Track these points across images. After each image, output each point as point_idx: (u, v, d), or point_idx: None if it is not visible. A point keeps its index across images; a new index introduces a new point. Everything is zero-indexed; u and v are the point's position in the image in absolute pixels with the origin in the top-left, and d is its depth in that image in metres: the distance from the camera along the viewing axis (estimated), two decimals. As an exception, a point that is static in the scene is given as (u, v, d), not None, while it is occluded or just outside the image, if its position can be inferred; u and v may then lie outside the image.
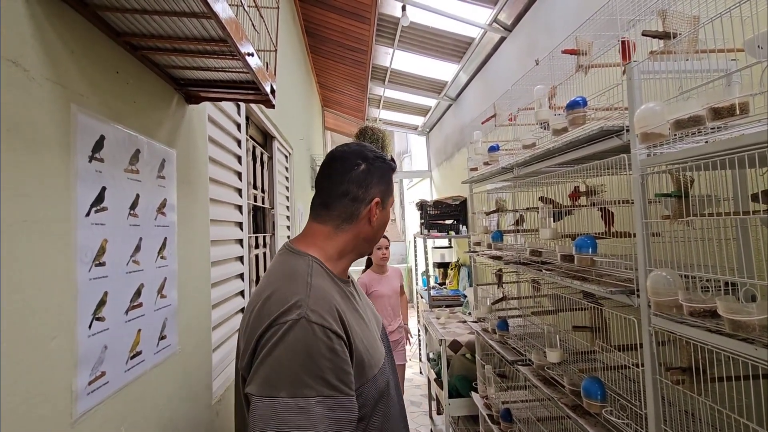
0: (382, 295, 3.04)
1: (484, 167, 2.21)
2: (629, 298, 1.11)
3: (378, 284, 3.07)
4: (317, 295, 0.73)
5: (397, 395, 0.87)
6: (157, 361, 0.95)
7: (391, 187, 0.92)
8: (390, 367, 0.88)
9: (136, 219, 0.87)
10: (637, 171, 1.07)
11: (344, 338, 0.73)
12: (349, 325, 0.75)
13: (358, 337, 0.77)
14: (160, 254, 0.97)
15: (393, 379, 0.88)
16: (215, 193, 1.45)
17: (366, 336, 0.81)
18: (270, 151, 2.72)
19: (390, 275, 3.15)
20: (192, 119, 1.22)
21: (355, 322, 0.79)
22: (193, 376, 1.16)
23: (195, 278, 1.19)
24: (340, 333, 0.72)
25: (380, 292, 3.05)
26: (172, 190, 1.05)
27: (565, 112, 1.32)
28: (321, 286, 0.76)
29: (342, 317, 0.75)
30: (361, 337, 0.78)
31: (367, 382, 0.77)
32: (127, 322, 0.83)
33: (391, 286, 3.11)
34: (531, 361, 1.74)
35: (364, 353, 0.77)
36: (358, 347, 0.76)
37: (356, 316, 0.82)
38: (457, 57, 3.99)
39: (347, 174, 0.85)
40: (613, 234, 1.32)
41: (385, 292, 3.06)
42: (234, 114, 1.75)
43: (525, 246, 1.75)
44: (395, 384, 0.88)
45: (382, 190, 0.88)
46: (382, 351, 0.86)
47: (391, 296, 3.09)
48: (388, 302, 3.07)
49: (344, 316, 0.75)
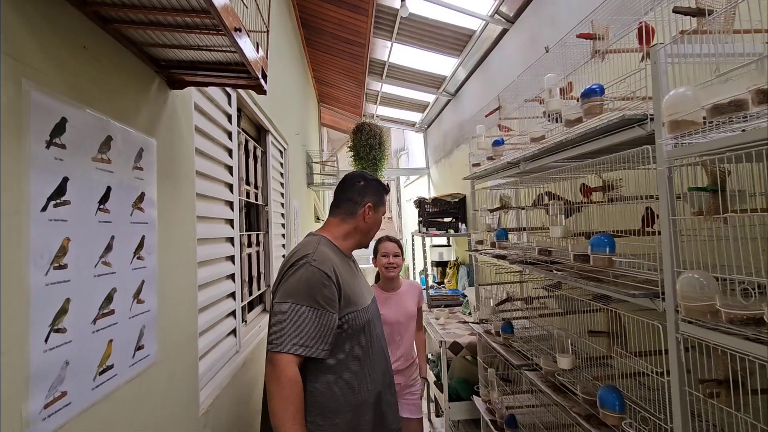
0: (388, 322, 2.02)
1: (488, 162, 2.12)
2: (653, 302, 1.02)
3: (383, 305, 2.03)
4: (320, 253, 1.22)
5: (378, 337, 1.33)
6: (133, 374, 0.85)
7: (382, 199, 1.41)
8: (374, 314, 1.35)
9: (108, 215, 0.77)
10: (663, 163, 0.98)
11: (334, 281, 1.19)
12: (340, 275, 1.22)
13: (347, 284, 1.24)
14: (137, 254, 0.87)
15: (377, 325, 1.35)
16: (203, 188, 1.35)
17: (354, 286, 1.29)
18: (264, 145, 2.61)
19: (403, 293, 2.15)
20: (176, 106, 1.11)
21: (347, 275, 1.26)
22: (176, 388, 1.06)
23: (178, 280, 1.09)
24: (331, 276, 1.18)
25: (385, 317, 1.95)
26: (151, 183, 0.94)
27: (580, 101, 1.23)
28: (324, 251, 1.24)
29: (335, 269, 1.21)
30: (349, 284, 1.25)
31: (354, 311, 1.23)
32: (96, 333, 0.73)
33: (401, 308, 2.09)
34: (539, 366, 1.65)
35: (350, 294, 1.24)
36: (346, 290, 1.22)
37: (350, 273, 1.30)
38: (457, 51, 3.89)
39: (352, 187, 1.37)
40: (628, 232, 1.23)
41: (392, 318, 2.04)
42: (224, 104, 1.64)
43: (533, 245, 1.66)
44: (379, 330, 1.35)
45: (374, 200, 1.37)
46: (367, 300, 1.33)
47: (401, 323, 2.07)
48: (396, 330, 2.06)
49: (337, 269, 1.22)
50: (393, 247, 2.12)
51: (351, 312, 1.23)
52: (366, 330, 1.27)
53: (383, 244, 2.12)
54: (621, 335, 1.23)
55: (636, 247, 1.24)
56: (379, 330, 1.37)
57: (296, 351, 1.11)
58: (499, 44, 3.31)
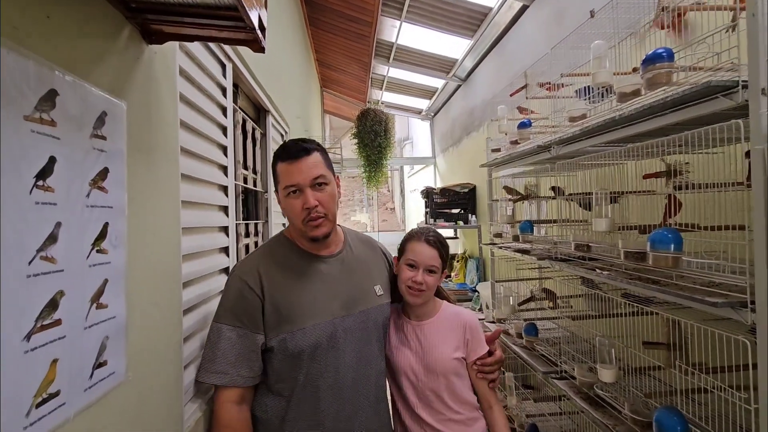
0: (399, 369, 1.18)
1: (510, 147, 1.92)
2: (737, 312, 0.83)
3: (397, 340, 1.21)
4: (251, 258, 1.07)
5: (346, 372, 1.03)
6: (91, 399, 0.66)
7: (275, 171, 1.07)
8: (342, 336, 1.03)
9: (50, 194, 0.58)
10: (760, 140, 0.78)
11: (257, 292, 1.00)
12: (272, 283, 1.01)
13: (282, 295, 1.01)
14: (97, 246, 0.68)
15: (345, 353, 1.03)
16: (190, 168, 1.15)
17: (302, 295, 1.02)
18: (264, 127, 2.40)
19: (437, 326, 1.19)
20: (154, 67, 0.91)
21: (291, 282, 1.03)
22: (153, 406, 0.88)
23: (156, 278, 0.90)
24: (253, 286, 1.00)
25: (393, 360, 1.19)
26: (118, 157, 0.75)
27: (642, 69, 1.03)
28: (259, 254, 1.08)
29: (263, 277, 1.02)
30: (287, 295, 1.01)
31: (287, 332, 0.99)
32: (29, 353, 0.54)
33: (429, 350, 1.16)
34: (569, 375, 1.47)
35: (285, 307, 1.00)
36: (277, 302, 1.00)
37: (293, 279, 1.04)
38: (471, 31, 3.65)
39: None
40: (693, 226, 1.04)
41: (403, 363, 1.17)
42: (218, 74, 1.44)
43: (566, 239, 1.47)
44: (348, 361, 1.03)
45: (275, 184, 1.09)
46: (325, 315, 1.03)
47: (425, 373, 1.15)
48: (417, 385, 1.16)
49: (268, 276, 1.02)
50: (428, 255, 1.15)
51: (283, 333, 0.99)
52: (308, 358, 0.99)
53: (412, 245, 1.17)
54: (682, 347, 1.04)
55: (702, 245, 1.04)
56: (350, 361, 1.04)
57: (213, 380, 0.96)
58: (518, 22, 3.08)
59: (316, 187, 1.01)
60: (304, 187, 1.00)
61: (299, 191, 1.01)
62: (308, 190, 1.00)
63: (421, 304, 1.18)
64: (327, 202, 1.02)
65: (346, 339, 1.04)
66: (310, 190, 1.00)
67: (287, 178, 1.02)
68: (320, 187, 1.01)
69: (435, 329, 1.19)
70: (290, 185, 1.01)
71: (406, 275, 1.17)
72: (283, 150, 1.05)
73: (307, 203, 0.99)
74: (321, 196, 1.01)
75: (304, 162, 1.01)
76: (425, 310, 1.21)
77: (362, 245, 1.22)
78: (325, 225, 1.03)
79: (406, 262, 1.18)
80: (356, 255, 1.15)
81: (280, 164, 1.04)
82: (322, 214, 1.01)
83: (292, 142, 1.06)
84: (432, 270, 1.16)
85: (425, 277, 1.15)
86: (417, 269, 1.16)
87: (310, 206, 0.99)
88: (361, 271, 1.14)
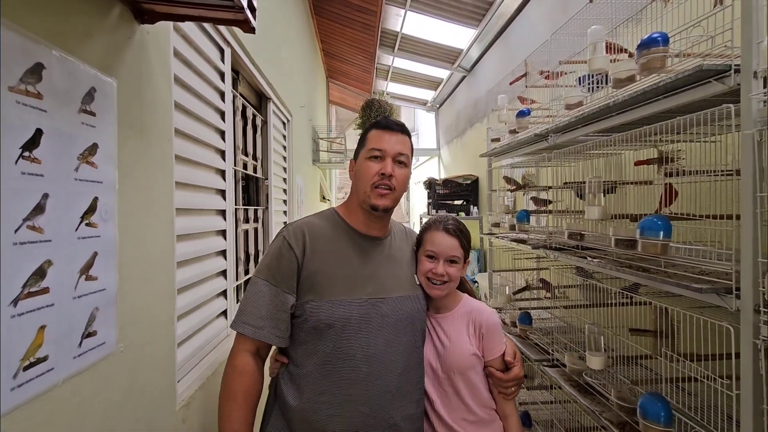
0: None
1: (510, 137, 1.91)
2: (722, 299, 0.83)
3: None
4: (301, 221, 1.06)
5: (373, 356, 0.98)
6: (80, 367, 0.68)
7: (363, 139, 1.08)
8: (374, 317, 0.99)
9: (36, 166, 0.59)
10: (751, 125, 0.77)
11: (296, 252, 0.99)
12: (315, 247, 1.01)
13: (322, 262, 1.00)
14: (86, 220, 0.70)
15: (377, 336, 0.99)
16: (185, 150, 1.17)
17: (339, 269, 1.01)
18: (265, 114, 2.41)
19: (457, 321, 1.11)
20: (146, 47, 0.92)
21: (332, 252, 1.02)
22: (145, 380, 0.90)
23: (149, 254, 0.92)
24: (293, 245, 0.99)
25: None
26: (108, 133, 0.76)
27: (636, 54, 1.02)
28: (309, 219, 1.08)
29: (307, 238, 1.01)
30: (326, 263, 1.00)
31: (317, 301, 0.97)
32: (16, 318, 0.56)
33: (448, 343, 1.09)
34: (560, 363, 1.48)
35: (321, 275, 0.99)
36: (315, 267, 0.99)
37: (335, 250, 1.02)
38: (476, 20, 3.61)
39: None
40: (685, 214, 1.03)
41: (428, 356, 1.11)
42: (215, 58, 1.44)
43: (560, 228, 1.46)
44: (380, 346, 0.99)
45: (357, 148, 1.10)
46: (360, 294, 1.00)
47: (443, 367, 1.09)
48: (436, 378, 1.10)
49: (312, 239, 1.01)
50: (449, 245, 1.09)
51: (312, 301, 0.97)
52: (336, 333, 0.96)
53: (431, 235, 1.11)
54: (669, 335, 1.04)
55: (695, 233, 1.04)
56: (381, 346, 0.98)
57: (241, 329, 0.97)
58: (524, 11, 3.04)
59: (396, 163, 1.03)
60: (387, 155, 1.02)
61: (381, 158, 1.03)
62: (389, 160, 1.02)
63: (442, 293, 1.09)
64: (400, 179, 1.04)
65: (380, 323, 1.00)
66: (391, 161, 1.02)
67: (377, 141, 1.04)
68: (400, 164, 1.04)
69: (454, 323, 1.10)
70: (377, 148, 1.03)
71: (426, 267, 1.09)
72: (383, 119, 1.10)
73: (385, 169, 1.01)
74: (398, 171, 1.04)
75: (397, 135, 1.05)
76: (444, 303, 1.13)
77: (404, 236, 1.19)
78: (389, 198, 1.03)
79: (425, 253, 1.10)
80: (399, 244, 1.13)
81: (373, 131, 1.07)
82: (393, 186, 1.03)
83: (391, 119, 1.11)
84: (454, 260, 1.08)
85: (447, 268, 1.07)
86: (437, 260, 1.08)
87: (387, 172, 1.01)
88: (403, 260, 1.11)
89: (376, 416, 0.96)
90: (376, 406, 0.96)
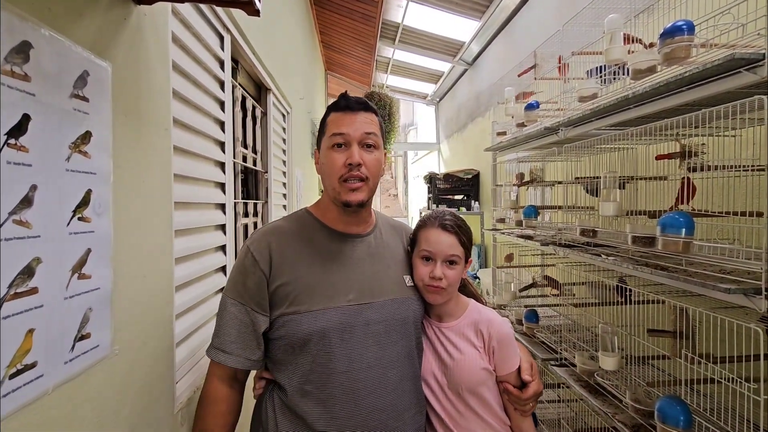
0: (422, 374, 1.02)
1: (517, 130, 1.86)
2: (749, 299, 0.80)
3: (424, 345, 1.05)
4: (265, 229, 0.96)
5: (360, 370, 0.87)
6: (71, 372, 0.64)
7: (323, 123, 0.95)
8: (358, 325, 0.88)
9: (24, 154, 0.54)
10: (785, 118, 0.73)
11: (260, 266, 0.89)
12: (282, 256, 0.90)
13: (292, 270, 0.89)
14: (78, 214, 0.64)
15: (366, 349, 0.88)
16: (184, 141, 1.11)
17: (310, 274, 0.90)
18: (264, 106, 2.35)
19: (463, 330, 1.01)
20: (143, 30, 0.87)
21: (298, 260, 0.91)
22: (142, 383, 0.86)
23: (146, 250, 0.87)
24: (258, 259, 0.89)
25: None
26: (102, 120, 0.71)
27: (659, 44, 0.97)
28: (276, 225, 0.97)
29: (272, 248, 0.91)
30: (296, 270, 0.90)
31: (292, 313, 0.87)
32: (1, 322, 0.51)
33: (456, 358, 0.97)
34: (569, 362, 1.45)
35: (291, 285, 0.89)
36: (285, 278, 0.89)
37: (308, 256, 0.92)
38: (479, 12, 3.55)
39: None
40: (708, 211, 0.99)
41: (425, 370, 1.01)
42: (215, 45, 1.38)
43: (571, 224, 1.42)
44: (370, 358, 0.88)
45: (318, 139, 0.98)
46: (340, 302, 0.89)
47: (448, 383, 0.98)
48: (442, 394, 0.99)
49: (278, 247, 0.91)
50: (446, 243, 0.97)
51: (285, 315, 0.87)
52: (314, 348, 0.86)
53: (425, 233, 1.00)
54: (688, 336, 1.01)
55: (713, 230, 1.00)
56: (369, 358, 0.88)
57: (212, 355, 0.90)
58: (528, 4, 2.98)
59: (364, 147, 0.90)
60: (352, 141, 0.89)
61: (345, 145, 0.90)
62: (356, 146, 0.89)
63: (439, 297, 0.97)
64: (372, 166, 0.90)
65: (365, 332, 0.89)
66: (357, 147, 0.88)
67: (337, 125, 0.90)
68: (369, 148, 0.90)
69: (460, 333, 0.98)
70: (338, 133, 0.90)
71: (422, 271, 0.96)
72: (341, 98, 0.94)
73: (352, 158, 0.87)
74: (367, 157, 0.89)
75: (359, 115, 0.90)
76: (447, 310, 1.01)
77: (393, 231, 1.06)
78: (362, 191, 0.90)
79: (420, 254, 0.98)
80: (386, 241, 1.01)
81: (332, 114, 0.93)
82: (364, 176, 0.89)
83: (351, 96, 0.95)
84: (452, 261, 0.96)
85: (445, 270, 0.95)
86: (434, 262, 0.96)
87: (354, 162, 0.87)
88: (390, 258, 0.98)
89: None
90: (367, 428, 0.86)
